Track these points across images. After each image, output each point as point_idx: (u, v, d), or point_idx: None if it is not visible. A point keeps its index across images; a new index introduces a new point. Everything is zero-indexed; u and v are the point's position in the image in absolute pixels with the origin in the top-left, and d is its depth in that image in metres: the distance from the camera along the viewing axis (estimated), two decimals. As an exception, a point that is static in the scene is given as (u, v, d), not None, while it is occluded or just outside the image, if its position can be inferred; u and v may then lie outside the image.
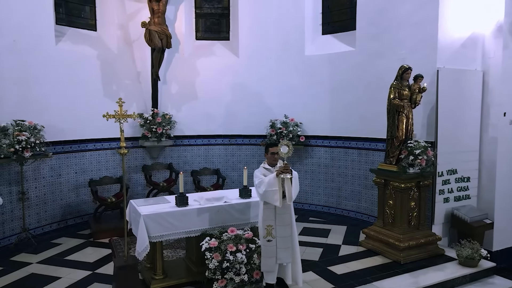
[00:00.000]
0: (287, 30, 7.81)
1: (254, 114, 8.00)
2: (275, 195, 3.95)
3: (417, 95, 5.35)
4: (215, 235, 4.26)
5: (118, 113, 4.27)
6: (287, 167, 3.94)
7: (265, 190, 3.96)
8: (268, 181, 3.96)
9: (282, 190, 3.99)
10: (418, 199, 5.39)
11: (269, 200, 4.00)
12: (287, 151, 4.00)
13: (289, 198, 3.97)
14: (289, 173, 3.94)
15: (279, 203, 3.97)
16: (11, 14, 5.87)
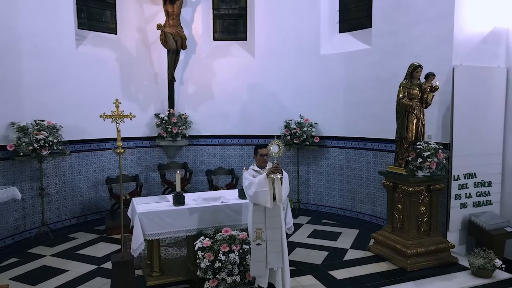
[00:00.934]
0: (303, 29, 7.69)
1: (269, 114, 7.95)
2: (266, 196, 3.89)
3: (428, 94, 5.08)
4: (208, 235, 4.28)
5: (114, 113, 4.34)
6: (277, 167, 3.88)
7: (256, 191, 3.92)
8: (259, 182, 3.91)
9: (273, 191, 3.93)
10: (429, 203, 5.12)
11: (260, 202, 3.95)
12: (278, 150, 3.94)
13: (279, 199, 3.90)
14: (279, 173, 3.87)
15: (270, 204, 3.91)
16: (32, 20, 6.21)
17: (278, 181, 3.89)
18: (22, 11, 6.06)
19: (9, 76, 5.94)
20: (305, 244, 5.87)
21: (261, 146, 4.24)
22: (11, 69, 5.96)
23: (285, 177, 3.99)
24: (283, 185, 3.90)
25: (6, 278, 4.70)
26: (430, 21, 5.76)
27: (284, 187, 3.92)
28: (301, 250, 5.61)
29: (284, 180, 3.95)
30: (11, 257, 5.42)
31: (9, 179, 5.95)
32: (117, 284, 4.16)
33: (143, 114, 7.82)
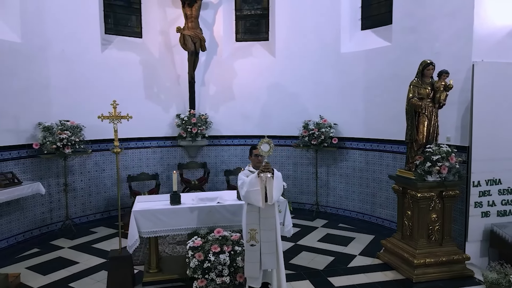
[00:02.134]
0: (323, 27, 7.50)
1: (289, 115, 7.85)
2: (257, 196, 3.84)
3: (441, 93, 4.73)
4: (200, 235, 4.32)
5: (112, 114, 4.51)
6: (267, 166, 3.83)
7: (247, 191, 3.89)
8: (250, 181, 3.87)
9: (264, 190, 3.87)
10: (441, 211, 4.77)
11: (252, 201, 3.91)
12: (268, 149, 3.88)
13: (269, 198, 3.82)
14: (269, 173, 3.81)
15: (261, 203, 3.86)
16: (60, 27, 6.64)
17: (270, 180, 3.82)
18: (50, 19, 6.51)
19: (38, 80, 6.40)
20: (312, 248, 5.72)
21: (256, 147, 4.20)
22: (39, 73, 6.42)
23: (277, 176, 3.90)
24: (274, 184, 3.82)
25: (22, 267, 5.08)
26: (449, 14, 5.36)
27: (275, 187, 3.83)
28: (306, 254, 5.48)
29: (276, 179, 3.87)
30: (34, 247, 5.85)
31: (36, 175, 6.42)
32: (113, 278, 4.34)
33: (165, 115, 8.08)
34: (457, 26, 5.24)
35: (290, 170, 8.13)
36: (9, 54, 5.94)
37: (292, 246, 5.80)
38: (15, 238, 6.06)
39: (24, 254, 5.59)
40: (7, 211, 5.94)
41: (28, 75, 6.24)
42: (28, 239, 6.21)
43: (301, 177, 8.03)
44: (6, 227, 5.93)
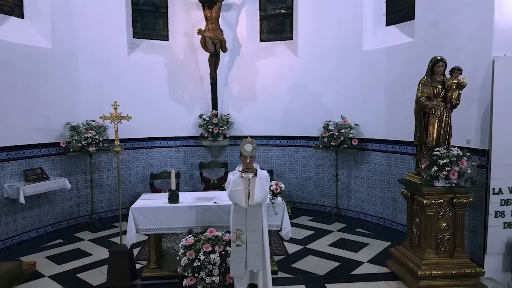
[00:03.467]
0: (346, 24, 7.25)
1: (311, 115, 7.69)
2: (240, 195, 3.85)
3: (453, 92, 4.36)
4: (193, 234, 4.39)
5: (113, 115, 4.72)
6: (249, 166, 3.80)
7: (231, 190, 3.90)
8: (233, 181, 3.88)
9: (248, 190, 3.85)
10: (452, 219, 4.40)
11: (235, 201, 3.92)
12: (251, 149, 3.87)
13: (251, 198, 3.80)
14: (251, 172, 3.78)
15: (244, 203, 3.86)
16: (89, 33, 7.08)
17: (254, 180, 3.80)
18: (79, 26, 6.96)
19: (67, 82, 6.87)
20: (320, 252, 5.56)
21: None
22: (69, 76, 6.89)
23: (261, 176, 3.85)
24: (256, 185, 3.78)
25: (43, 256, 5.49)
26: (470, 6, 4.93)
27: (258, 187, 3.79)
28: (312, 258, 5.33)
29: (260, 180, 3.82)
30: (59, 238, 6.30)
31: (65, 171, 6.90)
32: (113, 271, 4.54)
33: (189, 115, 8.29)
34: (477, 19, 4.81)
35: (312, 171, 7.96)
36: (41, 59, 6.44)
37: (300, 250, 5.68)
38: (44, 229, 6.57)
39: (49, 244, 6.04)
40: (38, 203, 6.45)
41: (59, 78, 6.72)
42: (56, 230, 6.70)
43: (323, 179, 7.83)
44: (37, 218, 6.44)
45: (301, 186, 8.10)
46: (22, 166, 6.17)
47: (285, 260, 5.27)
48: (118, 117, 4.82)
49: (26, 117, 6.23)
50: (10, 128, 5.95)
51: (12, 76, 5.99)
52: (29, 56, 6.25)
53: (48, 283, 4.65)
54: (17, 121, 6.07)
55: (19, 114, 6.11)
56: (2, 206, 5.86)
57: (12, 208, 5.99)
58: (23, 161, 6.19)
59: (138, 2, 8.08)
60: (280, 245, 5.81)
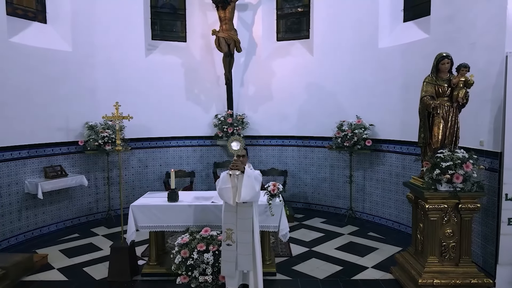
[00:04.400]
0: (362, 21, 7.05)
1: (327, 114, 7.54)
2: (228, 193, 3.88)
3: (459, 90, 4.11)
4: (189, 232, 4.43)
5: (114, 115, 4.86)
6: (236, 164, 3.81)
7: (219, 188, 3.93)
8: (222, 178, 3.92)
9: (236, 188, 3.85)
10: (458, 225, 4.15)
11: (224, 198, 3.95)
12: (239, 147, 3.88)
13: (238, 196, 3.79)
14: (237, 170, 3.78)
15: (232, 201, 3.87)
16: (107, 36, 7.34)
17: (241, 178, 3.80)
18: (98, 30, 7.23)
19: (87, 83, 7.17)
20: (325, 255, 5.43)
21: None
22: (88, 78, 7.18)
23: (250, 175, 3.83)
24: (244, 183, 3.77)
25: (56, 250, 5.77)
26: (484, -2, 4.63)
27: (246, 185, 3.78)
28: (315, 261, 5.23)
29: (248, 178, 3.81)
30: (76, 233, 6.59)
31: (84, 169, 7.21)
32: (114, 266, 4.69)
33: (205, 115, 8.38)
34: (491, 11, 4.50)
35: (327, 172, 7.80)
36: (61, 62, 6.77)
37: (304, 252, 5.59)
38: (64, 223, 6.90)
39: (65, 238, 6.34)
40: (57, 199, 6.78)
41: (78, 80, 7.03)
42: (75, 225, 7.01)
43: (338, 181, 7.65)
44: (56, 213, 6.77)
45: (316, 187, 7.96)
46: (43, 163, 6.52)
47: (287, 262, 5.20)
48: (119, 117, 4.97)
49: (47, 117, 6.56)
50: (31, 128, 6.30)
51: (34, 78, 6.34)
52: (50, 59, 6.59)
53: (56, 275, 4.88)
54: (38, 120, 6.41)
55: (40, 114, 6.45)
56: (23, 200, 6.21)
57: (33, 203, 6.34)
58: (43, 158, 6.53)
59: (156, 5, 8.28)
60: (285, 247, 5.74)
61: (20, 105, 6.13)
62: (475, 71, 4.55)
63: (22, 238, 6.19)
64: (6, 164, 5.94)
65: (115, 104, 5.08)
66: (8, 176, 5.97)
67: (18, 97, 6.07)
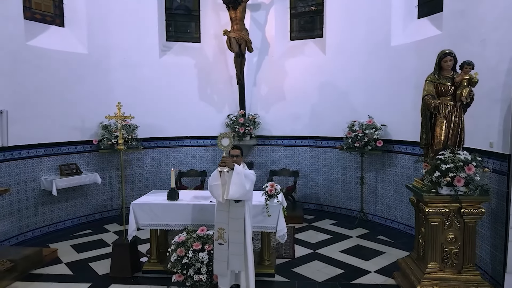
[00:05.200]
0: (375, 19, 6.88)
1: (339, 114, 7.40)
2: (218, 190, 3.90)
3: (463, 89, 3.92)
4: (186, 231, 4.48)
5: (117, 115, 4.98)
6: (225, 160, 3.80)
7: (210, 185, 3.97)
8: (212, 175, 3.95)
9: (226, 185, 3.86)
10: (461, 231, 3.95)
11: (214, 195, 3.98)
12: (228, 143, 3.91)
13: (226, 193, 3.79)
14: (226, 167, 3.78)
15: (221, 198, 3.88)
16: (122, 38, 7.54)
17: (230, 175, 3.80)
18: (113, 32, 7.44)
19: (102, 84, 7.39)
20: (328, 258, 5.33)
21: (233, 147, 4.20)
22: (103, 79, 7.41)
23: (239, 172, 3.81)
24: (234, 180, 3.76)
25: (68, 245, 5.99)
26: (494, -8, 4.38)
27: (235, 182, 3.76)
28: (317, 264, 5.14)
29: (237, 175, 3.80)
30: (89, 229, 6.81)
31: (99, 167, 7.44)
32: (116, 262, 4.82)
33: (218, 115, 8.44)
34: (501, 5, 4.25)
35: (339, 173, 7.66)
36: (78, 64, 7.02)
37: (308, 254, 5.51)
38: (79, 219, 7.15)
39: (78, 233, 6.57)
40: (73, 196, 7.04)
41: (93, 81, 7.26)
42: (90, 221, 7.25)
43: (350, 182, 7.49)
44: (72, 209, 7.03)
45: (329, 188, 7.83)
46: (59, 161, 6.78)
47: (288, 264, 5.15)
48: (121, 116, 5.09)
49: (63, 117, 6.82)
50: (48, 127, 6.57)
51: (51, 80, 6.61)
52: (67, 61, 6.84)
53: (62, 269, 5.07)
54: (55, 120, 6.68)
55: (57, 114, 6.71)
56: (40, 197, 6.49)
57: (49, 199, 6.61)
58: (59, 157, 6.80)
59: (171, 7, 8.42)
60: (289, 248, 5.68)
61: (37, 105, 6.40)
62: (486, 68, 4.36)
63: (38, 233, 6.47)
64: (24, 162, 6.23)
65: (117, 104, 5.21)
66: (25, 173, 6.26)
67: (35, 98, 6.35)
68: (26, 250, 5.09)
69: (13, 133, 5.93)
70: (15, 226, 6.09)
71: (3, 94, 5.82)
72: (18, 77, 6.07)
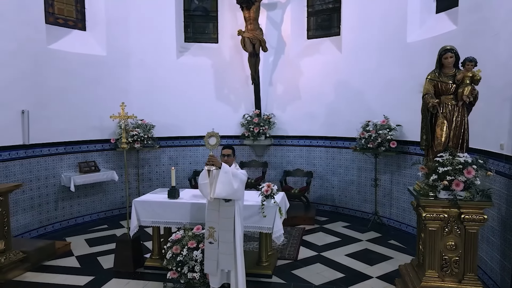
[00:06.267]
0: (391, 16, 6.64)
1: (355, 114, 7.21)
2: (206, 189, 3.94)
3: (465, 87, 3.68)
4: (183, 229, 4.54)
5: (120, 115, 5.13)
6: (211, 159, 3.82)
7: (199, 184, 4.00)
8: (201, 174, 3.97)
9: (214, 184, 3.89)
10: (462, 238, 3.72)
11: (203, 194, 4.03)
12: (215, 142, 3.93)
13: (212, 191, 3.81)
14: (212, 166, 3.80)
15: (209, 197, 3.90)
16: (140, 40, 7.78)
17: (218, 174, 3.81)
18: (132, 34, 7.70)
19: (120, 85, 7.66)
20: (331, 261, 5.21)
21: (225, 147, 4.22)
22: (121, 80, 7.68)
23: (226, 171, 3.81)
24: (220, 179, 3.77)
25: (82, 239, 6.26)
26: (505, -17, 4.09)
27: (221, 181, 3.77)
28: (318, 267, 5.04)
29: (224, 174, 3.79)
30: (105, 224, 7.09)
31: (117, 165, 7.72)
32: (119, 257, 4.98)
33: (234, 115, 8.49)
34: (513, -3, 3.96)
35: (355, 175, 7.46)
36: (96, 65, 7.32)
37: (312, 256, 5.41)
38: (98, 214, 7.46)
39: (95, 228, 6.86)
40: (92, 192, 7.36)
41: (112, 82, 7.54)
42: (107, 217, 7.54)
43: (365, 184, 7.28)
44: (91, 205, 7.35)
45: (344, 190, 7.65)
46: (78, 159, 7.11)
47: (289, 265, 5.09)
48: (125, 116, 5.24)
49: (83, 116, 7.14)
50: (68, 126, 6.91)
51: (71, 81, 6.93)
52: (87, 63, 7.15)
53: (72, 261, 5.31)
54: (75, 119, 7.00)
55: (77, 114, 7.03)
56: (60, 192, 6.84)
57: (68, 195, 6.94)
58: (79, 154, 7.13)
59: (189, 8, 8.57)
60: (293, 250, 5.61)
61: (58, 105, 6.74)
62: (497, 65, 4.10)
63: (58, 226, 6.81)
64: (44, 159, 6.58)
65: (121, 104, 5.36)
66: (46, 170, 6.61)
67: (56, 98, 6.69)
68: (39, 242, 5.38)
69: (35, 131, 6.29)
70: (36, 220, 6.45)
71: (25, 95, 6.18)
72: (39, 79, 6.42)
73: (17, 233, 6.08)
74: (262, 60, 7.97)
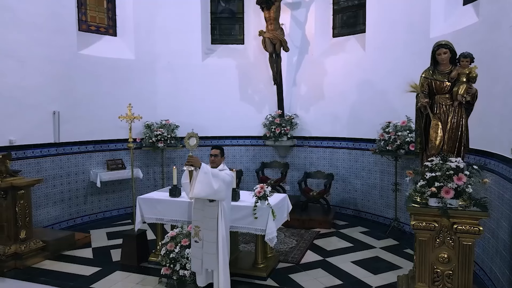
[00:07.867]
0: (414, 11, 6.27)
1: (378, 114, 6.88)
2: (187, 188, 4.06)
3: (460, 86, 3.38)
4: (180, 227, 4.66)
5: (128, 115, 5.38)
6: (190, 160, 3.88)
7: (182, 183, 4.10)
8: (183, 174, 4.05)
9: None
10: (455, 250, 3.40)
11: (186, 193, 4.11)
12: (195, 143, 4.00)
13: (190, 191, 3.88)
14: (191, 166, 3.86)
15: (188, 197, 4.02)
16: (167, 43, 8.09)
17: (197, 174, 3.86)
18: (159, 38, 8.04)
19: (148, 87, 8.04)
20: (334, 267, 5.03)
21: (213, 147, 4.28)
22: (149, 82, 8.05)
23: (206, 171, 3.83)
24: (199, 179, 3.82)
25: (104, 232, 6.66)
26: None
27: (200, 181, 3.81)
28: (318, 272, 4.90)
29: (204, 174, 3.82)
30: (129, 219, 7.47)
31: (144, 163, 8.11)
32: (125, 251, 5.24)
33: (258, 115, 8.49)
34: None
35: (377, 178, 7.12)
36: (126, 69, 7.75)
37: (315, 261, 5.27)
38: (125, 210, 7.88)
39: (118, 222, 7.26)
40: (119, 188, 7.80)
41: (140, 84, 7.93)
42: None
43: (388, 188, 6.91)
44: (118, 200, 7.80)
45: (366, 194, 7.33)
46: (107, 156, 7.58)
47: (288, 269, 5.00)
48: (132, 116, 5.49)
49: (111, 116, 7.47)
50: (98, 126, 7.39)
51: (101, 84, 7.41)
52: (116, 67, 7.60)
53: (87, 253, 5.68)
54: (104, 120, 7.44)
55: (106, 114, 7.46)
56: (89, 188, 7.34)
57: (97, 190, 7.42)
58: (107, 152, 7.60)
59: (216, 11, 8.74)
60: (299, 253, 5.50)
61: (88, 106, 7.24)
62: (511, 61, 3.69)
63: (87, 219, 7.32)
64: (75, 156, 7.11)
65: (128, 106, 5.60)
66: (76, 166, 7.14)
67: (86, 100, 7.19)
68: (60, 233, 5.83)
69: (65, 131, 6.82)
70: (66, 212, 6.98)
71: (57, 97, 6.72)
72: (70, 82, 6.94)
73: (48, 223, 6.63)
74: (285, 60, 7.91)
